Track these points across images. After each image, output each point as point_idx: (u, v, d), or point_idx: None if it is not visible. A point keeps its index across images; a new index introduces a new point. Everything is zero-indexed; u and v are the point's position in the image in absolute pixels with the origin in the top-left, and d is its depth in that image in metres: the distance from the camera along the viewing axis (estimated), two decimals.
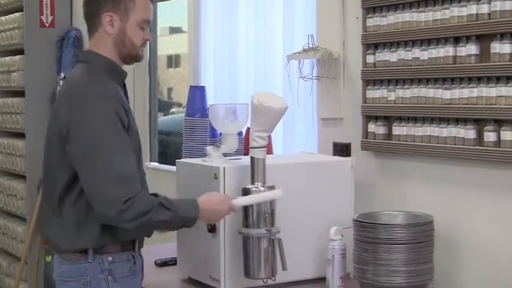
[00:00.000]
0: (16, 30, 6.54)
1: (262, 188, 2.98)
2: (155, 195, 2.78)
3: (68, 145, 2.71)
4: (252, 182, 3.00)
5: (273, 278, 3.01)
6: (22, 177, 6.54)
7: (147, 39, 2.92)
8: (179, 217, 2.74)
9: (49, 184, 2.86)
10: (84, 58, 2.91)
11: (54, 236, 2.83)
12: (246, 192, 2.98)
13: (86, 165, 2.68)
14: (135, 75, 5.83)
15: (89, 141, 2.67)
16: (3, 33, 6.79)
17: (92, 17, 2.87)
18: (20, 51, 6.49)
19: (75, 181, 2.74)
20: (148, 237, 2.95)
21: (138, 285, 2.92)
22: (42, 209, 2.99)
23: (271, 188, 3.00)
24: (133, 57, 2.92)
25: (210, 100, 4.29)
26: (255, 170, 3.00)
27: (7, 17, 6.75)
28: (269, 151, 3.34)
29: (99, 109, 2.69)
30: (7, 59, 6.74)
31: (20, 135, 6.56)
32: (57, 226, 2.80)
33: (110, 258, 2.79)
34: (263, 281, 3.02)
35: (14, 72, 6.57)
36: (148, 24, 2.92)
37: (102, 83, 2.78)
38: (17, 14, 6.54)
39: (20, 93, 6.55)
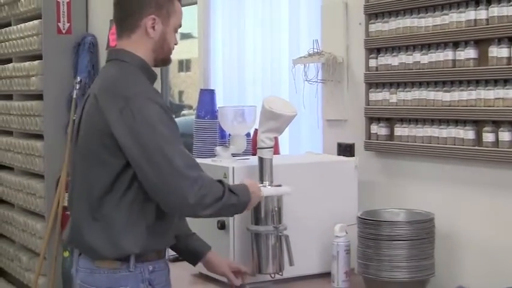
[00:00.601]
0: (35, 37, 6.56)
1: (269, 187, 2.97)
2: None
3: (126, 150, 2.53)
4: (260, 181, 2.98)
5: (280, 273, 3.00)
6: (41, 176, 6.55)
7: (176, 43, 2.81)
8: (242, 201, 2.67)
9: (83, 186, 2.66)
10: (119, 57, 2.72)
11: (92, 242, 2.60)
12: None
13: (152, 166, 2.50)
14: None
15: (151, 142, 2.50)
16: (22, 39, 6.81)
17: (131, 18, 2.70)
18: (39, 57, 6.51)
19: (117, 181, 2.57)
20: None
21: None
22: (75, 213, 2.71)
23: (278, 186, 2.99)
24: (165, 61, 2.82)
25: (219, 102, 4.28)
26: (263, 170, 3.00)
27: (26, 24, 6.77)
28: (276, 151, 3.34)
29: (152, 109, 2.54)
30: (26, 64, 6.75)
31: (39, 137, 6.58)
32: (95, 231, 2.60)
33: (151, 267, 2.63)
34: (271, 276, 3.01)
35: (33, 76, 6.59)
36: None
37: (144, 83, 2.65)
38: (35, 22, 6.56)
39: (38, 97, 6.57)
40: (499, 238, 3.00)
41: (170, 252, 3.48)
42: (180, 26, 2.80)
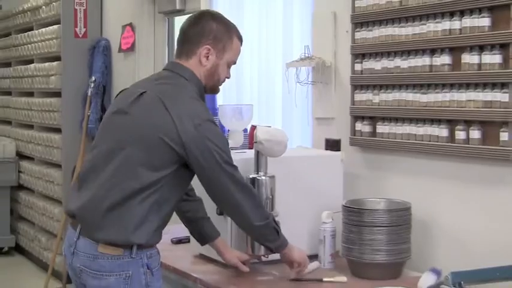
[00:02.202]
0: (54, 40, 6.55)
1: (264, 177, 2.97)
2: None
3: (196, 162, 2.56)
4: (256, 172, 2.98)
5: (266, 256, 3.00)
6: (58, 166, 6.55)
7: (228, 77, 2.81)
8: (281, 238, 2.80)
9: (118, 174, 2.58)
10: (181, 72, 2.70)
11: (105, 225, 2.55)
12: (252, 181, 2.95)
13: (223, 180, 2.62)
14: None
15: (222, 161, 2.58)
16: (43, 42, 6.81)
17: (190, 44, 2.71)
18: (57, 58, 6.51)
19: (153, 183, 2.55)
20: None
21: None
22: (95, 194, 2.61)
23: (272, 177, 2.98)
24: (214, 90, 2.82)
25: (219, 101, 4.28)
26: (259, 162, 2.99)
27: (46, 28, 6.77)
28: None
29: (219, 134, 2.63)
30: (46, 64, 6.75)
31: (57, 130, 6.58)
32: (112, 216, 2.55)
33: (148, 254, 2.60)
34: (264, 256, 3.01)
35: (52, 76, 6.59)
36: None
37: (207, 108, 2.70)
38: (55, 26, 6.55)
39: (57, 94, 6.57)
40: (469, 225, 3.00)
41: (174, 235, 3.50)
42: (234, 62, 2.80)
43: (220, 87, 2.84)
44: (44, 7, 6.82)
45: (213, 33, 2.70)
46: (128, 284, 2.57)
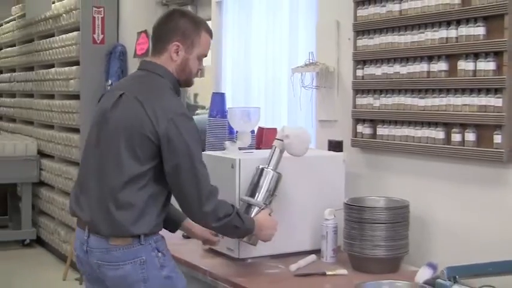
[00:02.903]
0: (73, 46, 6.57)
1: (271, 171, 2.92)
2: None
3: (167, 155, 2.55)
4: (268, 165, 2.95)
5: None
6: (77, 164, 6.55)
7: (201, 69, 2.81)
8: (245, 227, 2.72)
9: (110, 172, 2.61)
10: (156, 70, 2.71)
11: (111, 225, 2.58)
12: (260, 172, 2.93)
13: (183, 179, 2.57)
14: None
15: (186, 157, 2.55)
16: (63, 48, 6.83)
17: (161, 41, 2.73)
18: (77, 63, 6.52)
19: (146, 174, 2.58)
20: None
21: None
22: (95, 197, 2.65)
23: (279, 174, 2.94)
24: (187, 83, 2.82)
25: (228, 104, 4.27)
26: (273, 157, 2.96)
27: (67, 35, 6.79)
28: None
29: (192, 128, 2.61)
30: (66, 69, 6.76)
31: (76, 130, 6.59)
32: (115, 216, 2.57)
33: (155, 238, 2.64)
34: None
35: (72, 79, 6.60)
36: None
37: (179, 100, 2.73)
38: (74, 33, 6.57)
39: (76, 97, 6.58)
40: (464, 222, 2.99)
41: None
42: (205, 55, 2.79)
43: (193, 79, 2.83)
44: (64, 15, 6.83)
45: (181, 30, 2.70)
46: (144, 268, 2.60)
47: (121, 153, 2.59)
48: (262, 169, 2.94)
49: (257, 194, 2.91)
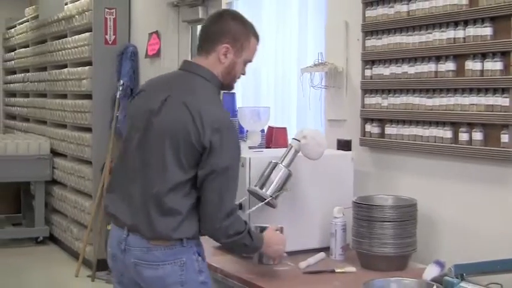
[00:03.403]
0: (86, 47, 6.59)
1: (284, 167, 2.93)
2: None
3: (204, 163, 2.47)
4: (281, 161, 2.95)
5: None
6: (89, 162, 6.59)
7: (243, 74, 2.74)
8: (254, 245, 2.63)
9: (154, 178, 2.54)
10: (202, 73, 2.62)
11: (154, 226, 2.51)
12: (274, 165, 2.93)
13: (213, 187, 2.49)
14: None
15: (222, 170, 2.47)
16: (76, 48, 6.85)
17: (209, 42, 2.63)
18: (89, 63, 6.54)
19: (188, 182, 2.50)
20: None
21: None
22: (140, 201, 2.56)
23: (290, 172, 2.95)
24: (229, 87, 2.75)
25: (239, 104, 4.28)
26: (288, 155, 2.96)
27: (79, 36, 6.81)
28: (285, 145, 3.33)
29: (235, 143, 2.54)
30: (79, 69, 6.79)
31: (88, 130, 6.61)
32: (161, 216, 2.51)
33: (196, 242, 2.58)
34: None
35: (84, 79, 6.62)
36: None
37: (225, 110, 2.64)
38: (86, 34, 6.59)
39: (88, 96, 6.60)
40: (471, 220, 2.99)
41: None
42: (250, 61, 2.71)
43: (235, 85, 2.77)
44: (77, 16, 6.85)
45: (232, 32, 2.62)
46: (184, 270, 2.54)
47: (166, 159, 2.51)
48: (276, 164, 2.94)
49: (266, 186, 2.92)
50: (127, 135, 2.70)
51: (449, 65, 3.01)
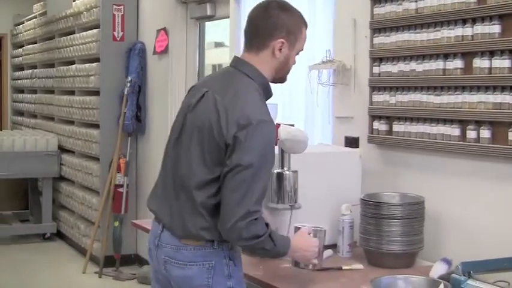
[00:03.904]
0: (94, 43, 6.59)
1: (288, 172, 2.97)
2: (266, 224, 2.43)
3: (228, 157, 2.35)
4: (281, 167, 2.97)
5: None
6: (97, 159, 6.60)
7: (295, 63, 2.62)
8: (276, 250, 2.45)
9: (184, 176, 2.48)
10: (247, 71, 2.51)
11: (185, 224, 2.45)
12: (278, 176, 2.95)
13: (236, 182, 2.34)
14: (187, 80, 5.86)
15: (249, 165, 2.33)
16: (84, 45, 6.86)
17: (263, 36, 2.50)
18: (97, 60, 6.55)
19: (214, 181, 2.41)
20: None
21: None
22: (173, 199, 2.52)
23: (295, 172, 2.98)
24: (282, 80, 2.63)
25: None
26: (283, 158, 2.99)
27: (87, 32, 6.82)
28: None
29: (266, 142, 2.38)
30: (86, 65, 6.80)
31: (96, 126, 6.62)
32: (190, 214, 2.45)
33: (230, 245, 2.48)
34: None
35: (92, 76, 6.63)
36: None
37: (267, 111, 2.45)
38: (95, 30, 6.60)
39: (96, 93, 6.61)
40: (478, 218, 2.99)
41: None
42: (302, 49, 2.61)
43: (287, 77, 2.66)
44: (85, 12, 6.87)
45: (285, 26, 2.51)
46: (211, 273, 2.47)
47: (192, 157, 2.46)
48: (279, 173, 2.96)
49: (281, 198, 2.95)
50: (171, 131, 2.65)
51: (457, 63, 3.02)
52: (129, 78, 6.24)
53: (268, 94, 2.57)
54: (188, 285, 2.50)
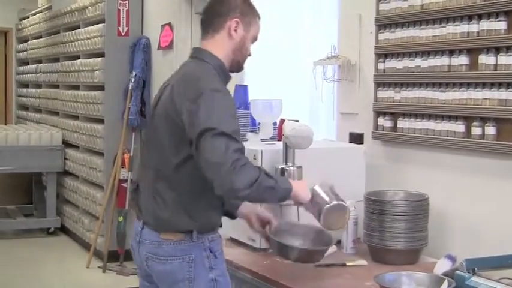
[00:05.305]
0: (98, 38, 6.60)
1: (292, 168, 2.97)
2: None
3: (190, 131, 2.38)
4: (285, 163, 2.98)
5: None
6: (101, 154, 6.61)
7: (250, 55, 2.70)
8: (281, 187, 2.45)
9: (159, 164, 2.53)
10: (200, 56, 2.59)
11: (165, 216, 2.50)
12: (282, 171, 2.95)
13: (204, 147, 2.34)
14: None
15: (213, 128, 2.33)
16: (88, 40, 6.86)
17: (219, 18, 2.59)
18: (101, 54, 6.56)
19: (182, 165, 2.46)
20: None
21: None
22: (148, 188, 2.59)
23: (299, 167, 2.98)
24: (239, 67, 2.67)
25: (251, 96, 4.28)
26: (287, 154, 2.99)
27: (92, 27, 6.82)
28: None
29: (217, 98, 2.40)
30: (91, 60, 6.81)
31: (100, 121, 6.63)
32: (168, 207, 2.50)
33: (210, 237, 2.54)
34: None
35: (96, 71, 6.64)
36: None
37: (218, 81, 2.50)
38: (99, 25, 6.60)
39: (100, 88, 6.62)
40: (483, 215, 2.99)
41: None
42: (256, 39, 2.69)
43: (244, 65, 2.70)
44: (89, 7, 6.87)
45: (239, 7, 2.61)
46: (192, 267, 2.51)
47: (162, 145, 2.51)
48: (283, 169, 2.96)
49: None
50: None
51: (463, 59, 3.01)
52: (134, 73, 6.24)
53: (226, 76, 2.61)
54: (170, 280, 2.55)
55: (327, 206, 2.62)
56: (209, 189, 2.40)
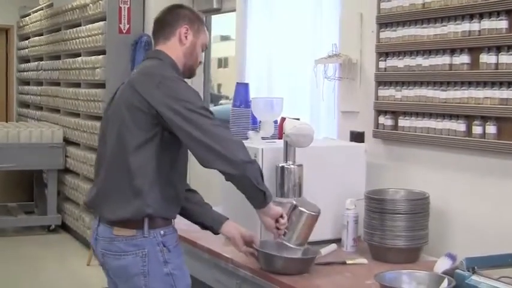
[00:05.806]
0: (100, 35, 6.60)
1: (292, 166, 2.97)
2: None
3: (165, 117, 2.50)
4: (285, 161, 2.99)
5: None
6: None
7: (201, 62, 2.85)
8: (264, 186, 2.58)
9: (115, 152, 2.63)
10: (155, 55, 2.75)
11: (116, 209, 2.60)
12: (282, 170, 2.96)
13: (192, 124, 2.48)
14: None
15: (187, 112, 2.49)
16: (90, 37, 6.87)
17: (169, 26, 2.76)
18: (103, 52, 6.56)
19: (141, 149, 2.55)
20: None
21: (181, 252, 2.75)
22: (100, 180, 2.70)
23: (300, 166, 2.98)
24: (191, 72, 2.80)
25: (252, 94, 4.29)
26: (288, 152, 3.00)
27: (93, 25, 6.83)
28: None
29: (182, 86, 2.58)
30: (92, 58, 6.81)
31: (101, 119, 6.58)
32: (123, 196, 2.58)
33: (162, 232, 2.61)
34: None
35: (98, 68, 6.64)
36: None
37: (174, 72, 2.66)
38: (100, 23, 6.60)
39: (101, 85, 6.62)
40: (483, 214, 2.99)
41: None
42: (206, 46, 2.84)
43: (196, 71, 2.84)
44: (91, 5, 6.87)
45: (187, 16, 2.78)
46: (146, 261, 2.59)
47: (118, 133, 2.61)
48: (283, 167, 2.97)
49: (285, 192, 2.96)
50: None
51: (464, 58, 3.01)
52: (135, 71, 6.23)
53: (179, 74, 2.71)
54: (125, 275, 2.62)
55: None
56: (164, 179, 2.57)
